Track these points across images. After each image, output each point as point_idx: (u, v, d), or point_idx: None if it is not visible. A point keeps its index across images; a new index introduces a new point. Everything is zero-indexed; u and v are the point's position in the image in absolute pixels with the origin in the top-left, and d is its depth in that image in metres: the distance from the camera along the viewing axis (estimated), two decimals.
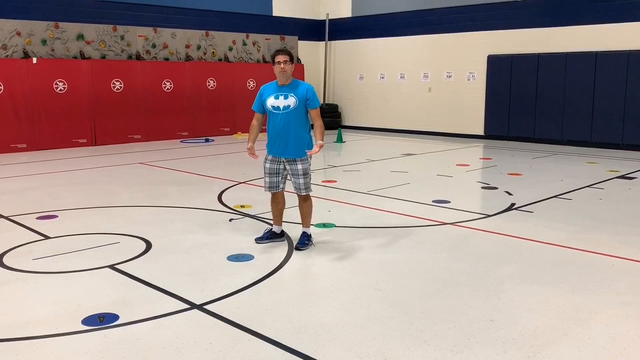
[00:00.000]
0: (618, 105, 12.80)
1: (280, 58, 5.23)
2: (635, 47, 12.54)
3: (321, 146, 5.28)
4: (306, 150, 5.31)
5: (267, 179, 5.46)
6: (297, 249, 5.39)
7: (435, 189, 8.41)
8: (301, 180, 5.37)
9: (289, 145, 5.28)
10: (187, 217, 6.76)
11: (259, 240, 5.63)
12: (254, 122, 5.56)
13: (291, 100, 5.24)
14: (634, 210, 7.11)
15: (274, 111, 5.30)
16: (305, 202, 5.51)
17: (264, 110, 5.42)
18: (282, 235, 5.70)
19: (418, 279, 4.68)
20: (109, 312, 4.00)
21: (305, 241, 5.47)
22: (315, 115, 5.39)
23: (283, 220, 5.74)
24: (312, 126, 5.47)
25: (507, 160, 11.28)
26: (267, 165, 5.44)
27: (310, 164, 5.44)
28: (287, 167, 5.37)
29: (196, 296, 4.28)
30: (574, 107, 13.45)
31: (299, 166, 5.33)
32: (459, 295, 4.32)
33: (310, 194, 5.50)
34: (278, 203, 5.58)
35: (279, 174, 5.43)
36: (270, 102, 5.31)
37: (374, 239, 5.86)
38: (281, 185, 5.50)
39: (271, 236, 5.65)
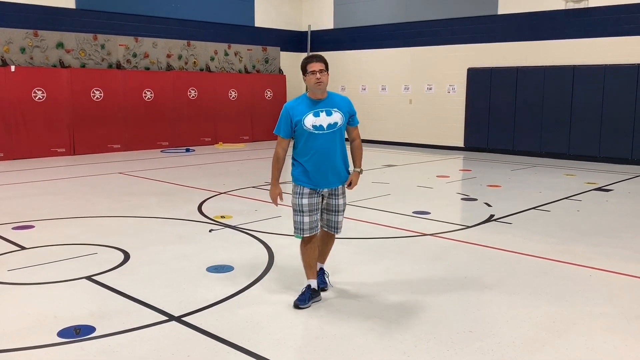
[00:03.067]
0: (595, 119, 13.01)
1: (315, 66, 4.18)
2: (612, 61, 12.77)
3: (355, 183, 4.37)
4: (345, 187, 4.39)
5: (307, 219, 4.27)
6: (324, 290, 4.51)
7: (416, 200, 8.44)
8: (340, 218, 4.43)
9: (337, 171, 4.30)
10: (166, 228, 6.70)
11: (301, 305, 4.25)
12: (280, 153, 4.32)
13: (337, 117, 4.23)
14: (611, 221, 7.20)
15: (316, 132, 4.19)
16: (333, 238, 4.62)
17: (292, 134, 4.32)
18: (319, 292, 4.45)
19: (398, 290, 4.69)
20: (86, 324, 3.94)
21: (325, 279, 4.63)
22: (356, 134, 4.46)
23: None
24: None
25: (487, 172, 11.38)
26: (305, 200, 4.26)
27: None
28: (325, 201, 4.36)
29: (174, 308, 4.23)
30: (552, 120, 13.64)
31: (340, 200, 4.39)
32: (438, 307, 4.33)
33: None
34: (316, 247, 4.41)
35: (318, 209, 4.35)
36: (310, 121, 4.19)
37: (354, 250, 5.86)
38: (320, 223, 4.43)
39: (312, 295, 4.34)
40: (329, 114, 4.23)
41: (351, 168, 4.45)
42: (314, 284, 4.38)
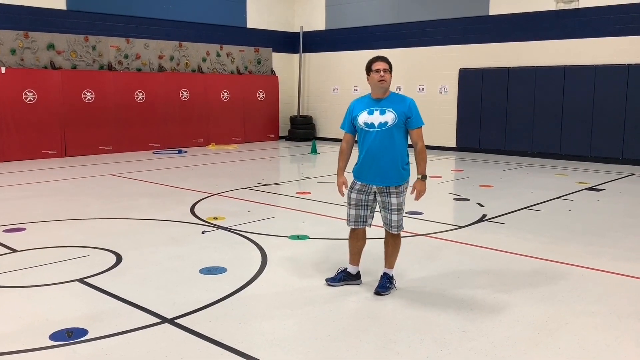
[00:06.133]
0: (586, 119, 13.08)
1: (379, 65, 4.40)
2: (602, 61, 12.85)
3: (420, 191, 4.52)
4: (403, 186, 4.49)
5: (353, 212, 4.59)
6: (378, 293, 4.53)
7: (408, 201, 8.42)
8: (394, 217, 4.52)
9: (383, 171, 4.43)
10: (159, 230, 6.68)
11: (331, 282, 4.77)
12: (344, 146, 4.66)
13: (389, 116, 4.38)
14: (602, 221, 7.24)
15: (367, 129, 4.43)
16: (394, 239, 4.66)
17: (355, 129, 4.57)
18: (358, 276, 4.83)
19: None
20: (78, 326, 3.91)
21: (387, 284, 4.60)
22: (416, 137, 4.46)
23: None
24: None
25: (479, 172, 11.41)
26: (354, 195, 4.56)
27: (405, 197, 4.61)
28: (379, 198, 4.54)
29: (167, 310, 4.22)
30: (543, 120, 13.70)
31: (393, 199, 4.48)
32: (431, 307, 4.34)
33: (402, 232, 4.67)
34: (359, 239, 4.75)
35: (367, 206, 4.57)
36: (363, 118, 4.44)
37: (347, 250, 5.84)
38: (369, 221, 4.65)
39: (345, 277, 4.78)
40: (382, 113, 4.41)
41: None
42: (350, 268, 4.79)
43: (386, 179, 4.45)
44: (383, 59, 4.46)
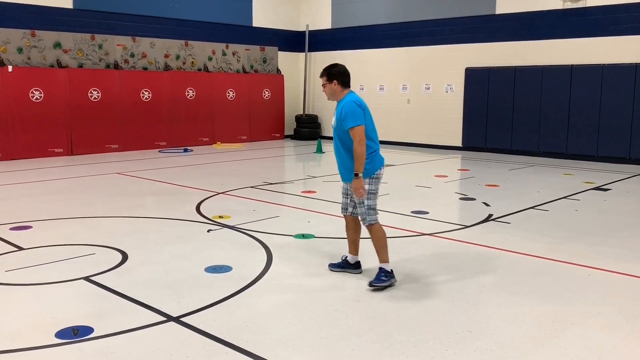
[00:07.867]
0: (593, 118, 13.03)
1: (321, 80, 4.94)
2: (609, 61, 12.79)
3: (355, 188, 4.60)
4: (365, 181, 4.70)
5: (341, 199, 5.04)
6: (370, 285, 4.65)
7: (414, 200, 8.44)
8: (359, 209, 4.81)
9: (342, 168, 4.86)
10: (165, 228, 6.69)
11: (332, 267, 5.13)
12: None
13: (333, 120, 4.86)
14: (609, 221, 7.21)
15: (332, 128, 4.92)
16: (371, 233, 4.82)
17: None
18: (357, 266, 5.05)
19: (396, 290, 4.68)
20: (84, 324, 3.93)
21: (381, 277, 4.68)
22: (351, 136, 4.61)
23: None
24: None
25: (485, 172, 11.38)
26: (341, 183, 5.02)
27: (372, 192, 4.77)
28: None
29: (173, 308, 4.23)
30: (550, 120, 13.66)
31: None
32: (436, 307, 4.33)
33: (376, 223, 4.79)
34: (348, 229, 5.04)
35: (347, 194, 4.95)
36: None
37: None
38: (349, 209, 4.94)
39: (344, 265, 5.08)
40: (335, 115, 4.83)
41: None
42: (349, 257, 5.09)
43: (344, 175, 4.87)
44: (321, 74, 4.97)
